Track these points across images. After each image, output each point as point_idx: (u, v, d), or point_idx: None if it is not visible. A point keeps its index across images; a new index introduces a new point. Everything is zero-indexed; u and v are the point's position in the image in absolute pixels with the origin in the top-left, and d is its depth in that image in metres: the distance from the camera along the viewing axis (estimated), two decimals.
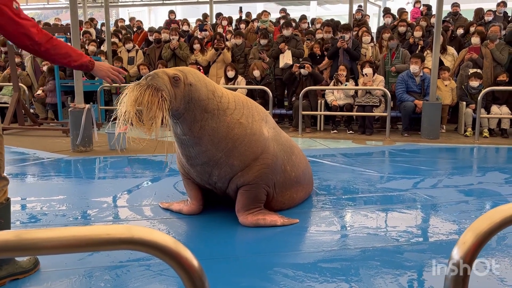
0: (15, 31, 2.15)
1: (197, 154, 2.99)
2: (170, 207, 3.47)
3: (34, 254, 0.95)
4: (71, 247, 1.00)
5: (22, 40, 2.18)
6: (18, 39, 2.18)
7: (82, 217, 3.38)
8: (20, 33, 2.16)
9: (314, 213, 3.46)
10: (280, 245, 2.84)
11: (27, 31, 2.17)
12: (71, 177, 4.85)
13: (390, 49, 8.16)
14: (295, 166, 3.41)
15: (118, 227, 1.03)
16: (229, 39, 9.63)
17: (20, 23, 2.15)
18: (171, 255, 0.98)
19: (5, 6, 2.10)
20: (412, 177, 4.59)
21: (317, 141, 6.98)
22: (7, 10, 2.11)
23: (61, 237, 0.99)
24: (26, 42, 2.18)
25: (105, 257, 2.59)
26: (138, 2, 17.36)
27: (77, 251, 1.01)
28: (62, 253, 1.01)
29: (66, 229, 1.01)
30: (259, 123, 3.14)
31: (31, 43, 2.19)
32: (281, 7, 13.72)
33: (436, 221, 3.30)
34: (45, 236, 0.98)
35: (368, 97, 7.45)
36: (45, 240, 0.98)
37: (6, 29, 2.14)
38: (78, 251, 1.01)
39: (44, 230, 0.99)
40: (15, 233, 0.97)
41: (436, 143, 6.71)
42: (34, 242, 0.97)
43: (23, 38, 2.17)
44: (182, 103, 2.83)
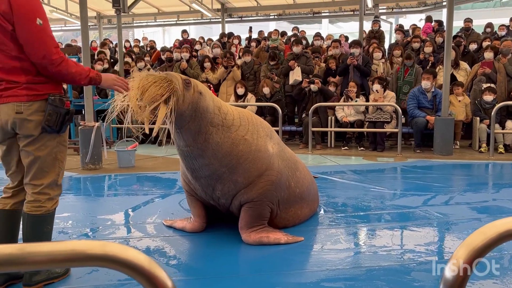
0: (35, 47, 2.15)
1: (200, 166, 2.94)
2: (173, 224, 3.43)
3: (11, 269, 0.92)
4: (47, 262, 0.97)
5: (38, 56, 2.17)
6: (35, 55, 2.17)
7: (84, 234, 3.36)
8: (39, 50, 2.16)
9: (320, 230, 3.38)
10: (283, 264, 2.76)
11: (47, 49, 2.17)
12: (80, 195, 4.86)
13: (404, 65, 8.10)
14: (300, 182, 3.35)
15: (93, 243, 0.99)
16: (241, 57, 9.71)
17: (42, 40, 2.16)
18: (144, 274, 0.94)
19: (29, 20, 2.12)
20: (424, 194, 4.47)
21: (327, 157, 6.90)
22: (31, 25, 2.13)
23: (37, 251, 0.96)
24: (41, 60, 2.18)
25: (104, 275, 2.55)
26: (152, 23, 17.71)
27: (48, 266, 0.98)
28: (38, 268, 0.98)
29: (43, 244, 0.98)
30: (264, 139, 3.10)
31: (47, 62, 2.18)
32: (293, 26, 13.84)
33: (446, 240, 3.18)
34: (22, 251, 0.95)
35: (379, 113, 7.36)
36: (24, 255, 0.95)
37: (26, 43, 2.15)
38: (49, 266, 0.98)
39: (21, 245, 0.97)
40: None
41: (449, 159, 6.56)
42: (14, 256, 0.94)
43: (39, 54, 2.16)
44: (188, 109, 2.75)
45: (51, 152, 2.30)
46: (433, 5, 14.19)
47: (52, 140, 2.29)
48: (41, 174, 2.29)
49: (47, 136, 2.26)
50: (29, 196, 2.30)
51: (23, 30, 2.12)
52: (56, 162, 2.33)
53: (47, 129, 2.23)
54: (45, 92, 2.24)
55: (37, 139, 2.25)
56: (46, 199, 2.31)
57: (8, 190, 2.41)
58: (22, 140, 2.26)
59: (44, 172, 2.29)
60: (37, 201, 2.28)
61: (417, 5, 14.69)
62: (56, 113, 2.22)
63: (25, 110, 2.19)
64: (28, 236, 2.28)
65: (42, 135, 2.25)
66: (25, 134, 2.23)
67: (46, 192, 2.31)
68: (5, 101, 2.19)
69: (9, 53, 2.16)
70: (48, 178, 2.31)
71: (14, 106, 2.18)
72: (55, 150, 2.31)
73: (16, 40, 2.15)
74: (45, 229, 2.32)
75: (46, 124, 2.21)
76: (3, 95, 2.19)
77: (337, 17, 19.02)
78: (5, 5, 2.09)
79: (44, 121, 2.21)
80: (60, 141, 2.34)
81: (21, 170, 2.36)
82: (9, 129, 2.25)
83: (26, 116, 2.20)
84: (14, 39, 2.15)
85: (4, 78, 2.18)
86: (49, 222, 2.35)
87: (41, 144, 2.26)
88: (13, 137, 2.30)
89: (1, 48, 2.16)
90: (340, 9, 15.26)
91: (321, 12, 16.03)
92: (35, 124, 2.22)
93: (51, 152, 2.30)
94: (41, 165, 2.27)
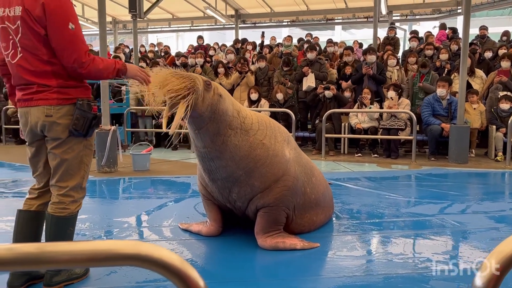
0: (67, 51, 2.19)
1: (217, 168, 2.95)
2: (189, 228, 3.45)
3: (42, 267, 0.94)
4: (79, 261, 0.99)
5: (69, 60, 2.21)
6: (67, 59, 2.21)
7: (102, 236, 3.40)
8: (71, 54, 2.20)
9: (336, 237, 3.37)
10: (299, 270, 2.76)
11: (79, 53, 2.21)
12: (95, 197, 4.92)
13: (420, 72, 8.06)
14: (315, 188, 3.35)
15: (126, 243, 1.01)
16: (254, 63, 9.76)
17: (74, 44, 2.20)
18: (177, 273, 0.96)
19: (62, 25, 2.17)
20: (439, 202, 4.42)
21: (340, 164, 6.87)
22: (64, 29, 2.18)
23: (70, 250, 0.98)
24: (72, 63, 2.22)
25: (122, 277, 2.58)
26: (166, 28, 17.89)
27: (85, 265, 1.00)
28: (70, 267, 1.00)
29: (75, 244, 1.01)
30: (281, 144, 3.11)
31: (77, 65, 2.22)
32: (306, 32, 13.87)
33: (464, 249, 3.14)
34: (55, 250, 0.98)
35: (393, 120, 7.32)
36: (56, 253, 0.97)
37: (59, 47, 2.20)
38: (86, 265, 1.00)
39: (54, 244, 0.99)
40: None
41: (464, 167, 6.49)
42: (44, 255, 0.97)
43: (71, 58, 2.20)
44: (207, 110, 2.76)
45: (77, 156, 2.34)
46: (448, 12, 14.10)
47: (78, 143, 2.34)
48: (67, 176, 2.33)
49: (74, 139, 2.31)
50: (54, 197, 2.34)
51: (56, 35, 2.17)
52: (81, 166, 2.37)
53: (74, 133, 2.28)
54: (74, 96, 2.28)
55: (64, 142, 2.29)
56: (70, 201, 2.35)
57: (33, 191, 2.46)
58: (50, 143, 2.31)
59: (70, 175, 2.34)
60: (62, 203, 2.32)
61: (432, 12, 14.61)
62: (84, 117, 2.26)
63: (54, 114, 2.24)
64: (51, 237, 2.32)
65: (69, 138, 2.29)
66: (53, 137, 2.28)
67: (70, 195, 2.35)
68: (36, 104, 2.24)
69: (41, 57, 2.21)
70: (73, 180, 2.35)
71: (44, 109, 2.23)
72: (81, 153, 2.36)
73: (48, 44, 2.20)
74: (68, 230, 2.36)
75: (73, 128, 2.26)
76: (34, 98, 2.24)
77: (350, 24, 19.02)
78: (39, 10, 2.14)
79: (71, 125, 2.26)
80: (86, 144, 2.39)
81: (47, 172, 2.40)
82: (38, 132, 2.30)
83: (55, 119, 2.24)
84: (46, 44, 2.20)
85: (35, 82, 2.23)
86: (71, 223, 2.39)
87: (68, 147, 2.30)
88: (41, 139, 2.35)
89: (34, 52, 2.21)
90: (354, 16, 15.25)
91: (334, 19, 16.03)
92: (63, 128, 2.27)
93: (77, 155, 2.34)
94: (67, 167, 2.32)
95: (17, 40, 2.21)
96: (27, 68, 2.23)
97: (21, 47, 2.22)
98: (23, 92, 2.28)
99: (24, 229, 2.40)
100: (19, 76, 2.27)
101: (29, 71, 2.23)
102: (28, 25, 2.17)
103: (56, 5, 2.16)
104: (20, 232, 2.40)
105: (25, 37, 2.19)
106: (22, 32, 2.19)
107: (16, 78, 2.30)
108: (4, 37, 2.27)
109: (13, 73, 2.30)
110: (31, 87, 2.24)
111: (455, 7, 13.77)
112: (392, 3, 13.81)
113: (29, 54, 2.22)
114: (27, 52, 2.22)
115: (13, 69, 2.29)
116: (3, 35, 2.26)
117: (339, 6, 14.76)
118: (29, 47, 2.21)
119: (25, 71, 2.24)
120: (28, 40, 2.19)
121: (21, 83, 2.28)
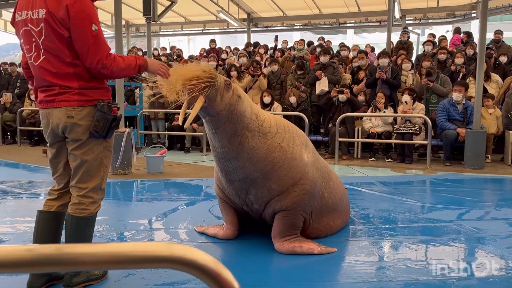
0: (91, 53, 2.22)
1: (235, 169, 2.94)
2: (205, 231, 3.45)
3: (73, 269, 0.93)
4: (110, 263, 0.98)
5: (93, 62, 2.23)
6: (90, 61, 2.23)
7: (119, 238, 3.41)
8: (94, 56, 2.22)
9: (353, 242, 3.33)
10: (317, 274, 2.74)
11: (101, 54, 2.23)
12: (110, 199, 4.94)
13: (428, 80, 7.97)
14: (333, 193, 3.32)
15: (158, 245, 1.00)
16: (267, 66, 9.77)
17: (98, 46, 2.22)
18: (211, 275, 0.95)
19: (85, 27, 2.19)
20: (456, 208, 4.36)
21: (354, 168, 6.83)
22: (87, 31, 2.20)
23: (101, 252, 0.98)
24: (96, 65, 2.23)
25: (140, 279, 2.58)
26: (179, 31, 18.01)
27: (116, 268, 0.99)
28: (101, 269, 1.00)
29: (106, 245, 1.00)
30: (299, 147, 3.10)
31: (100, 66, 2.24)
32: (318, 36, 13.85)
33: (485, 255, 3.08)
34: (85, 251, 0.97)
35: (408, 125, 7.26)
36: (85, 255, 0.97)
37: (82, 49, 2.22)
38: (117, 267, 0.99)
39: (85, 245, 0.99)
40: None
41: (480, 173, 6.40)
42: (74, 256, 0.96)
43: (94, 60, 2.22)
44: (225, 109, 2.76)
45: (97, 157, 2.35)
46: (462, 17, 13.99)
47: (98, 145, 2.35)
48: (87, 177, 2.34)
49: (94, 141, 2.32)
50: (74, 198, 2.36)
51: (80, 37, 2.19)
52: (101, 167, 2.39)
53: (95, 134, 2.29)
54: (95, 98, 2.30)
55: (84, 143, 2.31)
56: (90, 202, 2.36)
57: (53, 192, 2.47)
58: (70, 144, 2.32)
59: (90, 176, 2.35)
60: (82, 204, 2.34)
61: (446, 16, 14.51)
62: (104, 119, 2.27)
63: (75, 115, 2.25)
64: (71, 237, 2.33)
65: (89, 139, 2.31)
66: (74, 138, 2.30)
67: (90, 196, 2.36)
68: (58, 105, 2.26)
69: (63, 59, 2.23)
70: (93, 182, 2.36)
71: (66, 111, 2.25)
72: (101, 155, 2.37)
73: (71, 46, 2.22)
74: (87, 231, 2.38)
75: (93, 130, 2.27)
76: (56, 99, 2.26)
77: (362, 28, 18.95)
78: (63, 12, 2.16)
79: (92, 126, 2.27)
80: (106, 146, 2.40)
81: (67, 173, 2.42)
82: (60, 133, 2.32)
83: (76, 121, 2.26)
84: (69, 46, 2.22)
85: (58, 83, 2.25)
86: (91, 224, 2.40)
87: (88, 149, 2.32)
88: (62, 141, 2.37)
89: (57, 54, 2.23)
90: (366, 20, 15.20)
91: (347, 23, 16.00)
92: (84, 129, 2.28)
93: (97, 156, 2.36)
94: (87, 169, 2.33)
95: (40, 42, 2.23)
96: (50, 70, 2.25)
97: (44, 49, 2.24)
98: (45, 94, 2.30)
99: (44, 229, 2.42)
100: (41, 78, 2.29)
101: (51, 73, 2.25)
102: (51, 27, 2.19)
103: (80, 7, 2.18)
104: (40, 232, 2.42)
105: (48, 39, 2.21)
106: (45, 34, 2.21)
107: (38, 80, 2.33)
108: (27, 40, 2.29)
109: (36, 75, 2.33)
110: (53, 88, 2.26)
111: (469, 11, 13.65)
112: (406, 7, 13.74)
113: (52, 56, 2.24)
114: (49, 54, 2.24)
115: (35, 71, 2.32)
116: (26, 37, 2.29)
117: (352, 10, 14.74)
118: (52, 49, 2.23)
119: (48, 72, 2.26)
120: (52, 42, 2.21)
121: (43, 85, 2.30)
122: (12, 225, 3.67)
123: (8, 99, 10.06)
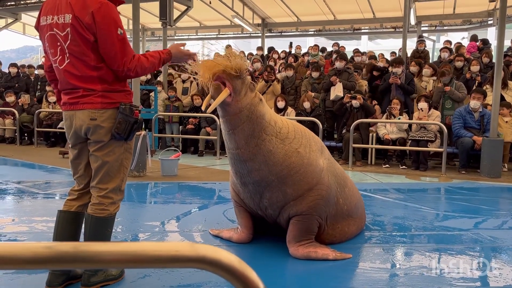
0: (117, 57, 2.27)
1: (250, 171, 2.95)
2: (220, 234, 3.46)
3: (95, 267, 0.95)
4: (134, 262, 0.99)
5: (119, 65, 2.29)
6: (116, 64, 2.29)
7: (133, 239, 3.44)
8: (120, 59, 2.28)
9: (367, 248, 3.32)
10: (332, 280, 2.73)
11: (127, 58, 2.29)
12: (124, 201, 4.95)
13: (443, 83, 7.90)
14: (348, 199, 3.31)
15: (182, 244, 1.01)
16: (281, 71, 9.78)
17: (123, 50, 2.28)
18: (237, 275, 0.96)
19: (111, 32, 2.25)
20: (472, 217, 4.31)
21: (368, 175, 6.79)
22: (113, 36, 2.26)
23: (124, 251, 0.98)
24: (122, 68, 2.30)
25: (156, 280, 2.60)
26: (193, 36, 18.17)
27: (138, 267, 1.00)
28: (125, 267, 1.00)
29: (129, 244, 1.00)
30: (315, 153, 3.10)
31: (126, 69, 2.30)
32: (332, 41, 13.85)
33: (503, 265, 3.04)
34: (104, 250, 0.97)
35: (423, 132, 7.20)
36: (104, 253, 0.97)
37: (108, 53, 2.27)
38: (139, 266, 1.00)
39: (104, 244, 0.98)
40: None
41: (497, 182, 6.31)
42: (94, 254, 0.97)
43: (120, 63, 2.29)
44: (246, 108, 2.79)
45: (117, 159, 2.39)
46: (479, 24, 13.85)
47: (119, 147, 2.39)
48: (107, 178, 2.38)
49: (116, 143, 2.37)
50: (94, 198, 2.40)
51: (107, 41, 2.24)
52: (121, 168, 2.43)
53: (116, 136, 2.33)
54: (117, 101, 2.35)
55: (106, 145, 2.35)
56: (109, 203, 2.40)
57: (74, 192, 2.52)
58: (92, 145, 2.37)
59: (110, 177, 2.39)
60: (101, 204, 2.38)
61: (462, 23, 14.38)
62: (126, 121, 2.31)
63: (98, 117, 2.30)
64: (90, 237, 2.37)
65: (111, 141, 2.35)
66: (96, 140, 2.34)
67: (110, 196, 2.40)
68: (81, 107, 2.31)
69: (88, 63, 2.28)
70: (113, 183, 2.40)
71: (89, 113, 2.30)
72: (121, 156, 2.41)
73: (96, 50, 2.27)
74: (106, 231, 2.41)
75: (115, 132, 2.31)
76: (79, 101, 2.31)
77: (377, 34, 18.89)
78: (89, 18, 2.22)
79: (113, 128, 2.31)
80: (126, 148, 2.44)
81: (87, 174, 2.46)
82: (82, 134, 2.37)
83: (99, 123, 2.30)
84: (94, 50, 2.28)
85: (81, 86, 2.30)
86: (110, 225, 2.44)
87: (109, 150, 2.36)
88: (84, 142, 2.42)
89: (81, 58, 2.28)
90: (381, 26, 15.15)
91: (361, 29, 15.96)
92: (106, 131, 2.33)
93: (118, 158, 2.40)
94: (108, 170, 2.37)
95: (66, 46, 2.29)
96: (74, 73, 2.30)
97: (69, 53, 2.29)
98: (69, 96, 2.35)
99: (63, 229, 2.46)
100: (66, 81, 2.34)
101: (75, 76, 2.30)
102: (78, 32, 2.25)
103: (105, 12, 2.23)
104: (60, 232, 2.46)
105: (74, 43, 2.27)
106: (71, 39, 2.26)
107: (63, 83, 2.38)
108: (52, 44, 2.35)
109: (60, 78, 2.38)
110: (77, 91, 2.31)
111: (486, 18, 13.51)
112: (421, 13, 13.66)
113: (77, 60, 2.29)
114: (74, 58, 2.29)
115: (60, 74, 2.37)
116: (52, 41, 2.34)
117: (366, 16, 14.69)
118: (77, 53, 2.28)
119: (72, 76, 2.31)
120: (77, 46, 2.27)
121: (68, 88, 2.35)
122: (29, 225, 3.74)
123: (26, 101, 10.26)
